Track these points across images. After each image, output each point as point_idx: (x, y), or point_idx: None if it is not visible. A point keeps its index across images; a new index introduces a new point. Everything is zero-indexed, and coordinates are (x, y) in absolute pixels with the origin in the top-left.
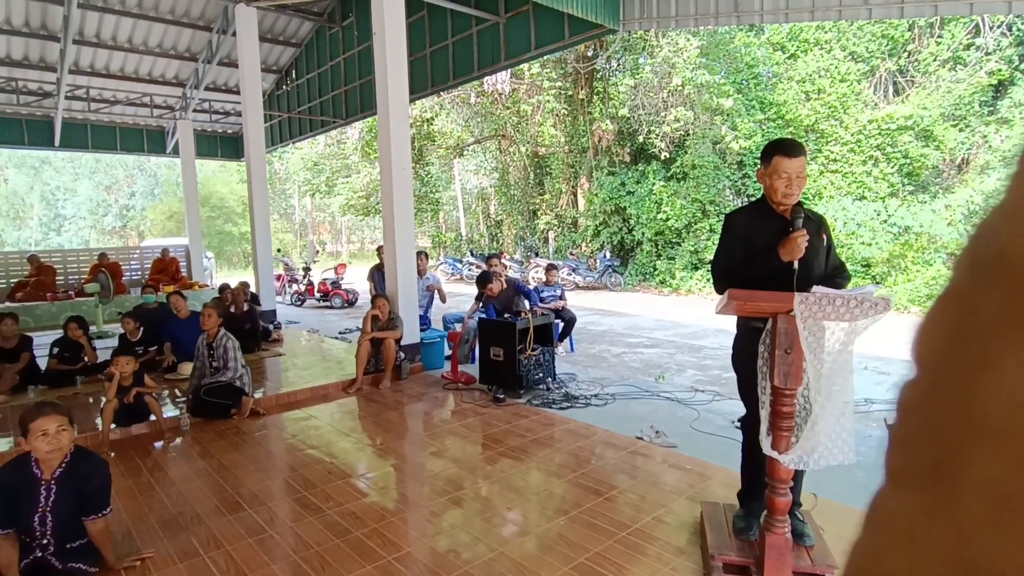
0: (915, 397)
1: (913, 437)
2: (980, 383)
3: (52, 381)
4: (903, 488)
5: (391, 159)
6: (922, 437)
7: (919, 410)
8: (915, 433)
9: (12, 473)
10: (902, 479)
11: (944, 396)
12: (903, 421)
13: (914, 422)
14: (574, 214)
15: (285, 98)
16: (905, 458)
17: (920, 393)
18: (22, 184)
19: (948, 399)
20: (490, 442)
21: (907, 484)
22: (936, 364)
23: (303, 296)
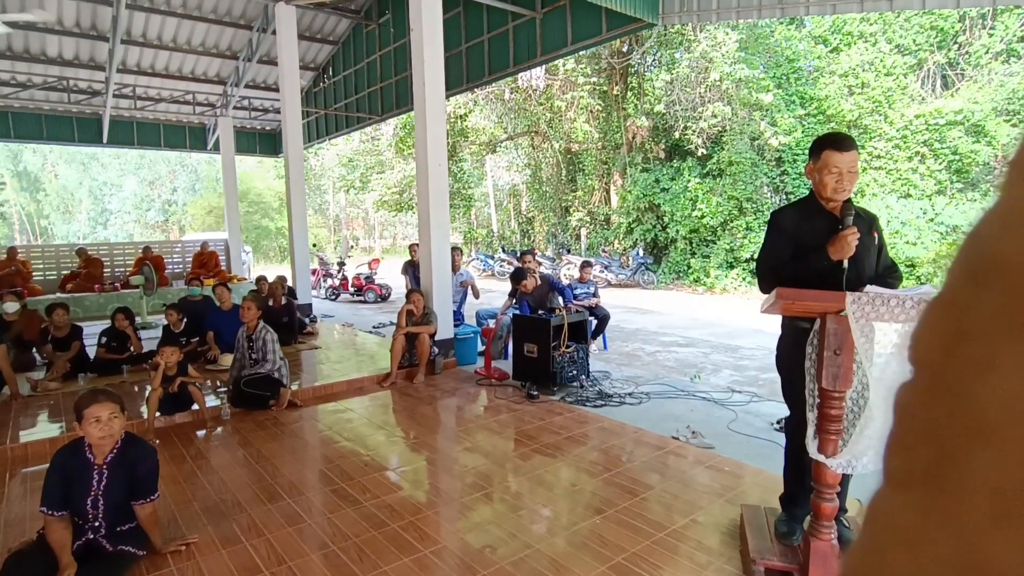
0: (913, 399)
1: (911, 439)
2: (977, 385)
3: (100, 369)
4: (902, 489)
5: (427, 155)
6: (920, 439)
7: (917, 412)
8: (913, 435)
9: (67, 457)
10: (901, 480)
11: (942, 398)
12: (901, 423)
13: (912, 424)
14: (606, 211)
15: (322, 95)
16: (904, 460)
17: (918, 395)
18: (72, 179)
19: (946, 401)
20: (524, 439)
21: (906, 485)
22: (933, 366)
23: (337, 290)
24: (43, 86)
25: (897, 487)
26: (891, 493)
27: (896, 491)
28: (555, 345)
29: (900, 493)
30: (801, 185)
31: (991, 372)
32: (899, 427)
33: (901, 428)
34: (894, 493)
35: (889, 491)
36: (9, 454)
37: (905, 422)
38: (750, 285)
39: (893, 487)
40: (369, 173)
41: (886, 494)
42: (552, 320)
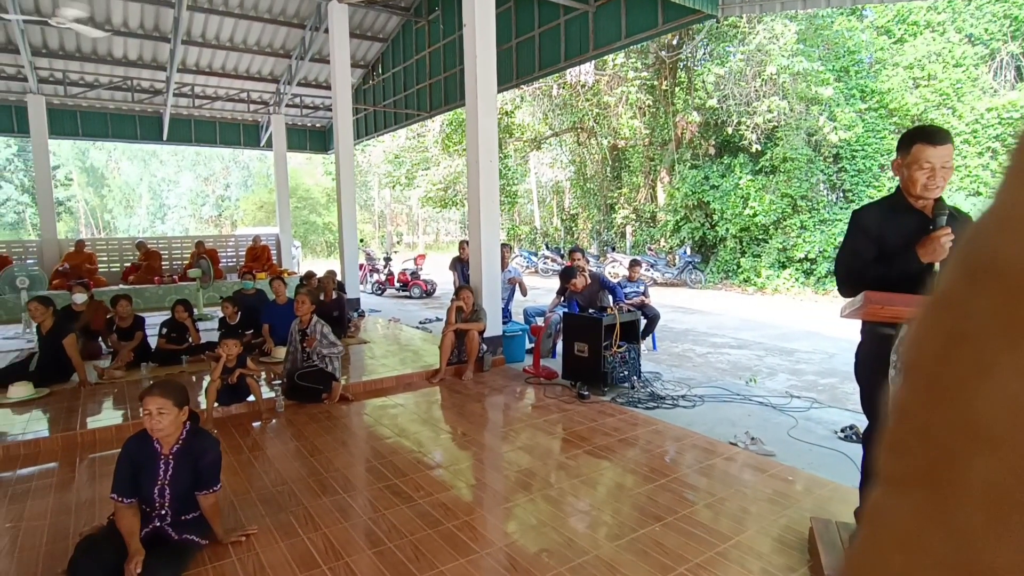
0: (909, 401)
1: (908, 441)
2: (973, 388)
3: (161, 359)
4: (898, 492)
5: (478, 151)
6: (917, 441)
7: (913, 414)
8: (910, 437)
9: (136, 446)
10: (897, 483)
11: (938, 400)
12: (898, 424)
13: (909, 426)
14: (653, 209)
15: (371, 92)
16: (900, 462)
17: (914, 397)
18: (133, 175)
19: (942, 403)
20: (576, 439)
21: (902, 488)
22: (929, 368)
23: (383, 286)
24: (109, 86)
25: (894, 489)
26: (888, 495)
27: (893, 493)
28: (606, 345)
29: (897, 495)
30: (860, 182)
31: (987, 375)
32: (896, 428)
33: (898, 429)
34: (891, 495)
35: (886, 493)
36: (79, 439)
37: (901, 424)
38: (803, 286)
39: (890, 489)
40: (415, 169)
41: (883, 496)
42: (604, 319)
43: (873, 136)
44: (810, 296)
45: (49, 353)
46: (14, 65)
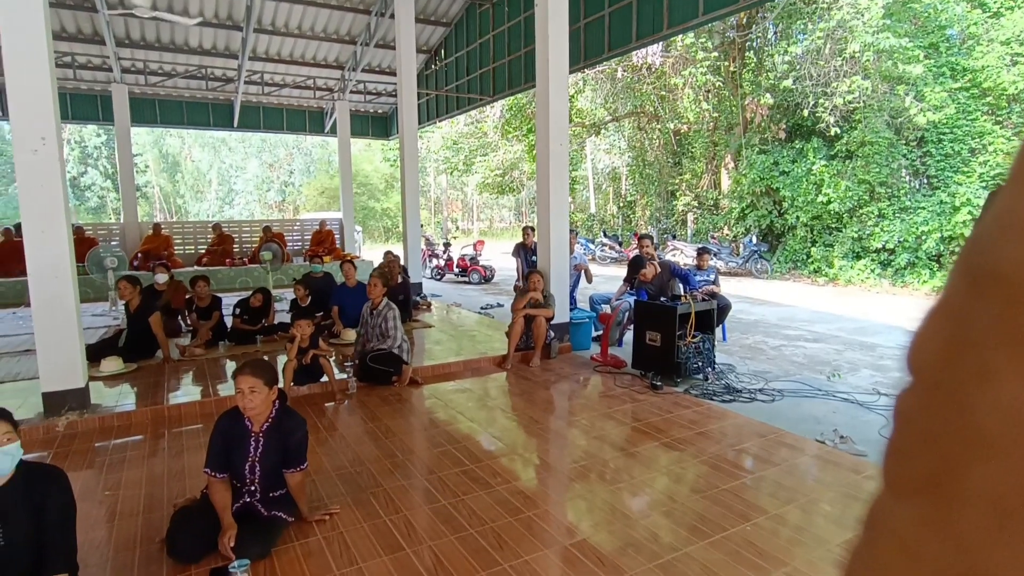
0: (912, 407)
1: (911, 447)
2: (976, 395)
3: (237, 339)
4: (901, 498)
5: (549, 134)
6: (920, 447)
7: (916, 420)
8: (913, 443)
9: (229, 423)
10: (900, 489)
11: (941, 407)
12: (900, 430)
13: (912, 432)
14: (716, 195)
15: (434, 77)
16: (903, 468)
17: (917, 403)
18: (204, 162)
19: (945, 410)
20: (652, 431)
21: (905, 494)
22: (932, 374)
23: (442, 271)
24: (185, 75)
25: (897, 495)
26: (891, 501)
27: (896, 499)
28: (680, 334)
29: (900, 501)
30: (947, 168)
31: (990, 382)
32: (898, 434)
33: (900, 435)
34: (894, 501)
35: (889, 498)
36: (166, 413)
37: (904, 429)
38: (879, 278)
39: (893, 495)
40: (473, 155)
41: (886, 501)
42: (678, 308)
43: (964, 117)
44: (887, 288)
45: (136, 330)
46: (100, 56)
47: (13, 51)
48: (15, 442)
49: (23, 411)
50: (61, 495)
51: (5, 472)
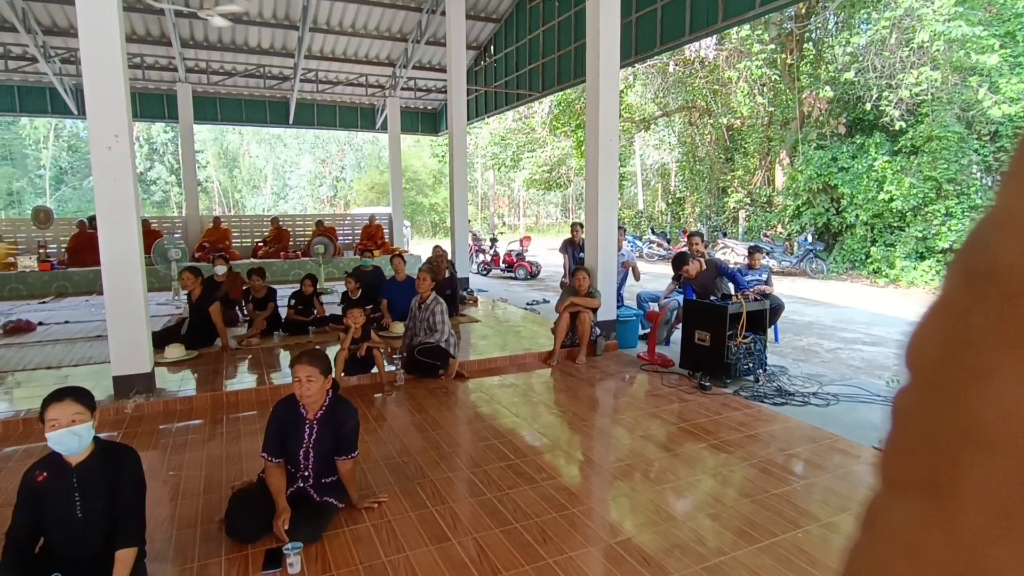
0: (911, 405)
1: (910, 445)
2: (975, 393)
3: (290, 329)
4: (901, 496)
5: (598, 129)
6: (919, 445)
7: (915, 418)
8: (912, 441)
9: (285, 410)
10: (900, 487)
11: (940, 405)
12: (899, 428)
13: (910, 430)
14: (769, 192)
15: (483, 73)
16: (903, 466)
17: (916, 401)
18: (261, 157)
19: (944, 408)
20: (699, 432)
21: (905, 492)
22: (930, 372)
23: (489, 266)
24: (244, 73)
25: (896, 493)
26: (890, 499)
27: (895, 497)
28: (731, 334)
29: (899, 500)
30: None
31: (989, 381)
32: (897, 432)
33: (899, 434)
34: (893, 499)
35: (888, 497)
36: (224, 399)
37: (903, 428)
38: None
39: (892, 493)
40: (520, 151)
41: (885, 500)
42: (729, 307)
43: None
44: None
45: (197, 319)
46: (167, 57)
47: (90, 55)
48: (85, 423)
49: (95, 393)
50: (133, 472)
51: (73, 451)
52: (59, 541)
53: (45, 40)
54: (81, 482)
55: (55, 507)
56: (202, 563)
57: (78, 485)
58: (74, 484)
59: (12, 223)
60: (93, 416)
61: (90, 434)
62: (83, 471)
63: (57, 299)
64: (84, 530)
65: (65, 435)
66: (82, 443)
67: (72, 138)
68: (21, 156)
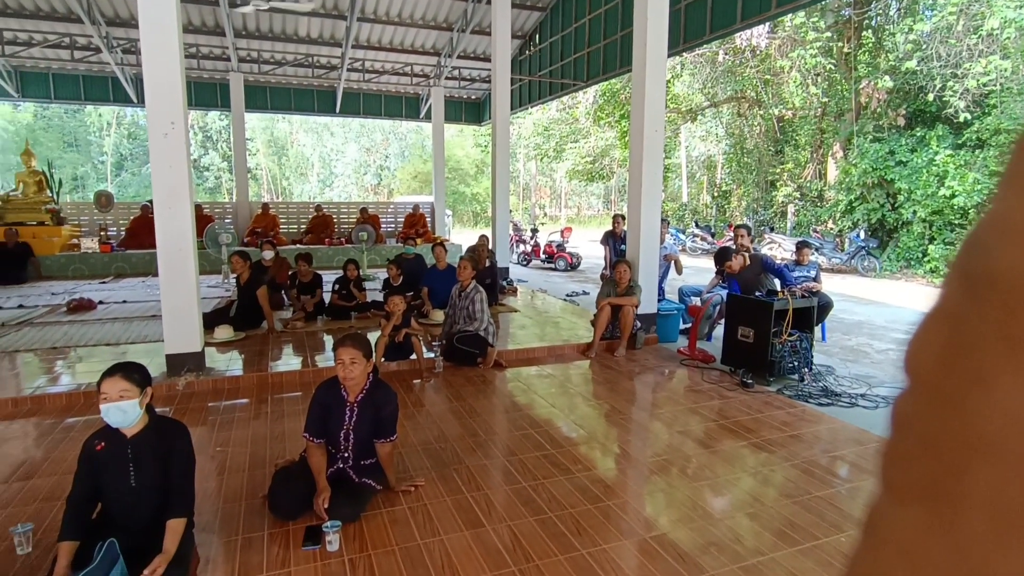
0: (910, 411)
1: (911, 451)
2: (975, 400)
3: (333, 314)
4: (902, 503)
5: (643, 120)
6: (920, 452)
7: (915, 424)
8: (912, 447)
9: (326, 392)
10: (901, 494)
11: (940, 411)
12: (900, 434)
13: (911, 435)
14: (820, 186)
15: (527, 62)
16: (904, 473)
17: (915, 407)
18: (308, 146)
19: (944, 414)
20: (740, 430)
21: (906, 499)
22: (930, 378)
23: (529, 256)
24: (293, 63)
25: (897, 500)
26: (891, 505)
27: (896, 504)
28: (776, 331)
29: (900, 506)
30: None
31: (990, 387)
32: (897, 438)
33: (899, 439)
34: (894, 506)
35: (889, 503)
36: (269, 380)
37: (903, 433)
38: None
39: (893, 499)
40: (563, 142)
41: (886, 506)
42: (775, 303)
43: None
44: None
45: (245, 302)
46: (220, 47)
47: (150, 44)
48: (131, 400)
49: (149, 370)
50: (184, 447)
51: (120, 424)
52: (114, 509)
53: (108, 31)
54: (135, 453)
55: (111, 476)
56: (246, 536)
57: (132, 456)
58: (128, 455)
59: (76, 206)
60: (143, 393)
61: (136, 410)
62: (137, 443)
63: (116, 280)
64: (137, 499)
65: (112, 409)
66: (127, 418)
67: (132, 126)
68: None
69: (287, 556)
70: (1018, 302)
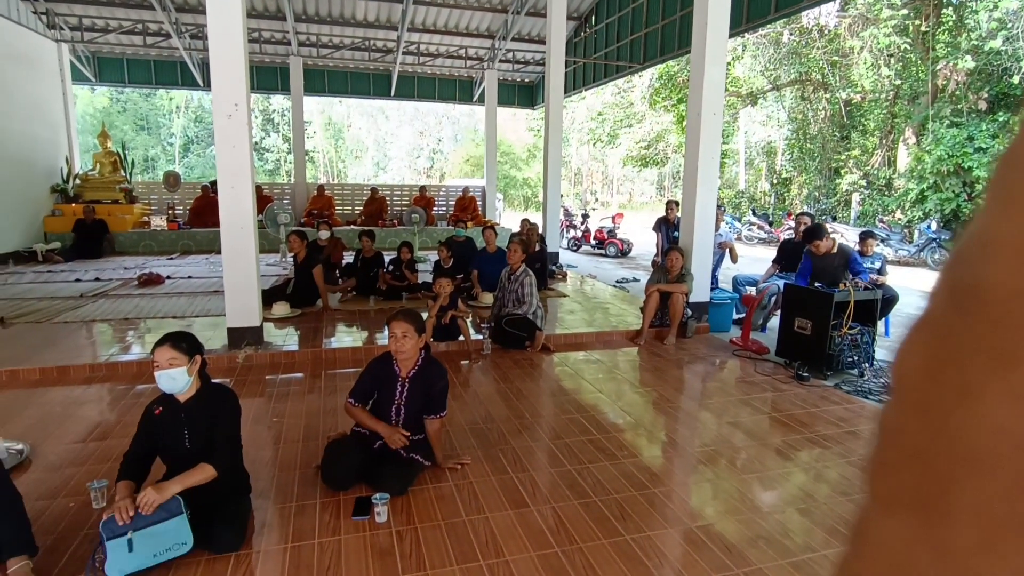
0: (897, 421)
1: (897, 461)
2: (962, 413)
3: (385, 294)
4: (890, 513)
5: (701, 103)
6: (907, 462)
7: (902, 434)
8: (899, 457)
9: (380, 366)
10: (888, 503)
11: (926, 423)
12: (887, 444)
13: (897, 445)
14: (889, 174)
15: (582, 44)
16: (891, 482)
17: (902, 417)
18: (363, 129)
19: (931, 426)
20: (794, 424)
21: (894, 508)
22: (917, 389)
23: (579, 242)
24: (351, 47)
25: (885, 509)
26: (879, 514)
27: (884, 513)
28: (835, 324)
29: (888, 516)
30: None
31: (976, 400)
32: (884, 447)
33: (886, 448)
34: (882, 515)
35: (877, 512)
36: (323, 356)
37: (890, 443)
38: None
39: (881, 509)
40: (617, 127)
41: (874, 515)
42: (836, 295)
43: None
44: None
45: (302, 280)
46: (281, 31)
47: (216, 29)
48: (179, 368)
49: (212, 343)
50: (230, 411)
51: (169, 390)
52: (173, 469)
53: (177, 17)
54: (189, 418)
55: (168, 439)
56: (299, 504)
57: (186, 420)
58: (183, 419)
59: (147, 186)
60: (191, 361)
61: (184, 377)
62: (190, 408)
63: (182, 256)
64: (192, 460)
65: (163, 376)
66: (176, 384)
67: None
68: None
69: (337, 524)
70: (1003, 318)
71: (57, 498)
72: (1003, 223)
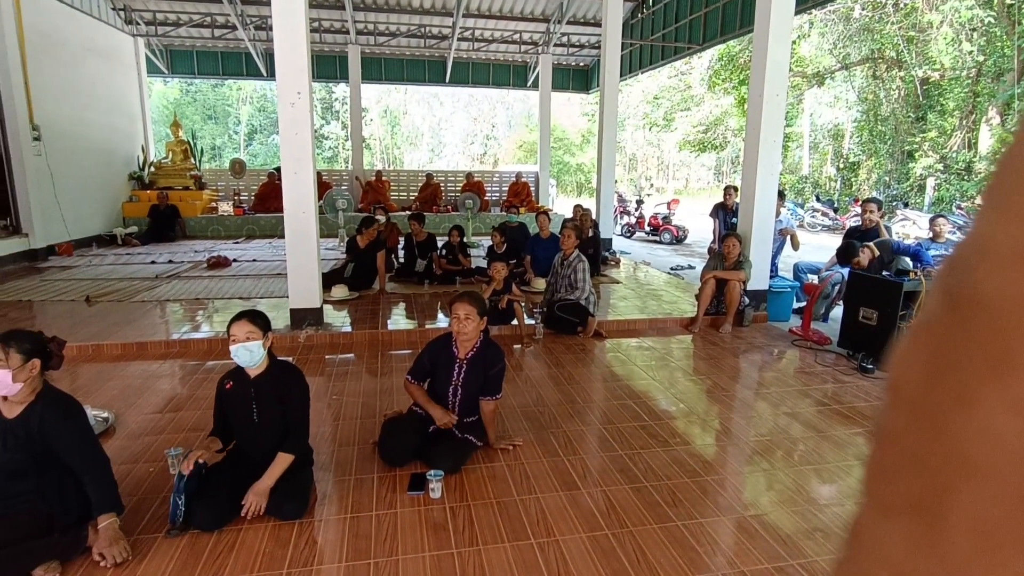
0: (896, 426)
1: (895, 466)
2: (960, 419)
3: (440, 279)
4: (887, 517)
5: (764, 84)
6: (904, 467)
7: (900, 440)
8: (897, 463)
9: (439, 346)
10: (886, 508)
11: (923, 429)
12: (885, 449)
13: (895, 452)
14: (969, 157)
15: (639, 26)
16: (889, 487)
17: (899, 423)
18: (418, 116)
19: (927, 432)
20: (857, 416)
21: (891, 514)
22: (914, 395)
23: (633, 228)
24: (407, 34)
25: (882, 514)
26: (876, 519)
27: (881, 518)
28: (903, 315)
29: (885, 521)
30: None
31: (974, 407)
32: (881, 452)
33: (883, 453)
34: (879, 520)
35: (874, 517)
36: (380, 337)
37: (887, 448)
38: None
39: (878, 513)
40: (674, 110)
41: (871, 519)
42: (904, 284)
43: None
44: None
45: (363, 264)
46: (340, 20)
47: (280, 20)
48: (256, 341)
49: (275, 323)
50: (300, 389)
51: (247, 363)
52: (242, 441)
53: (243, 9)
54: (257, 392)
55: (237, 412)
56: (358, 477)
57: (255, 395)
58: (251, 394)
59: (214, 173)
60: (265, 337)
61: (260, 351)
62: (259, 383)
63: (247, 240)
64: (260, 433)
65: (240, 349)
66: (253, 357)
67: (261, 99)
68: (223, 115)
69: (394, 498)
70: (1000, 325)
71: (139, 463)
72: (1001, 229)
